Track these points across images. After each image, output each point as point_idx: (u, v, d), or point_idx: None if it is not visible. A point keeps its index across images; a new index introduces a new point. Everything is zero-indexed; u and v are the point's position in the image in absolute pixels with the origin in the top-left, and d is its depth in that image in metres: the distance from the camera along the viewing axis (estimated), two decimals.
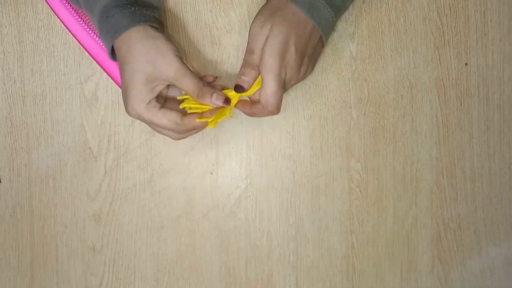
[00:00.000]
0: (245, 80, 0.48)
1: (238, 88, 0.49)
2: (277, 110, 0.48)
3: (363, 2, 0.58)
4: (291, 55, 0.47)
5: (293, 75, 0.48)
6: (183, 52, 0.57)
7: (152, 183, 0.58)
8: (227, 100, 0.48)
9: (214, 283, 0.59)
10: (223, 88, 0.51)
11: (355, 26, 0.58)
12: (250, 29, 0.48)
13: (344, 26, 0.57)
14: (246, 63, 0.48)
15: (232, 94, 0.50)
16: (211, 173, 0.58)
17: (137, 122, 0.57)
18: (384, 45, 0.58)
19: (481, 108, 0.60)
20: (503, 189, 0.60)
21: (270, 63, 0.46)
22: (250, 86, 0.49)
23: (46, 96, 0.57)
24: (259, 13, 0.49)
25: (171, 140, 0.58)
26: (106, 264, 0.59)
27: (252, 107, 0.50)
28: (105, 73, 0.56)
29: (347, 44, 0.58)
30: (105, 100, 0.57)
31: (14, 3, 0.56)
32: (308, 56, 0.48)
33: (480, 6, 0.58)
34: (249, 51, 0.48)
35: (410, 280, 0.60)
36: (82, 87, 0.57)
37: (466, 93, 0.59)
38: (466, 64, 0.59)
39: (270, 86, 0.46)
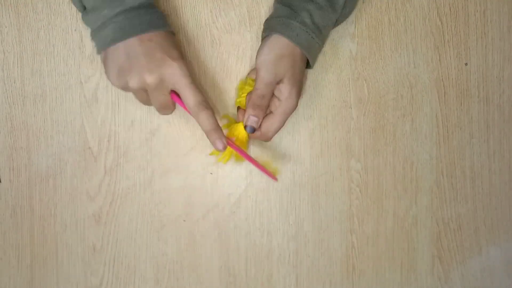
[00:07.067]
0: (255, 121, 0.52)
1: (250, 129, 0.53)
2: (271, 139, 0.54)
3: (363, 2, 0.58)
4: (298, 94, 0.52)
5: (293, 105, 0.52)
6: (183, 52, 0.57)
7: (152, 183, 0.58)
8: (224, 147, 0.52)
9: (214, 283, 0.59)
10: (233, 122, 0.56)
11: (355, 26, 0.58)
12: (260, 76, 0.51)
13: (344, 26, 0.57)
14: (255, 106, 0.52)
15: (241, 134, 0.54)
16: (211, 173, 0.58)
17: (137, 122, 0.57)
18: (384, 45, 0.58)
19: (481, 108, 0.60)
20: (503, 189, 0.60)
21: (290, 108, 0.51)
22: (259, 125, 0.53)
23: (46, 96, 0.57)
24: (266, 61, 0.51)
25: (171, 140, 0.58)
26: (106, 264, 0.59)
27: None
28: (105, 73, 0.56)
29: (347, 44, 0.58)
30: (105, 100, 0.57)
31: (14, 3, 0.56)
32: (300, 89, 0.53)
33: (480, 6, 0.58)
34: (259, 96, 0.51)
35: (410, 280, 0.60)
36: (82, 87, 0.57)
37: (466, 93, 0.59)
38: (466, 64, 0.59)
39: (279, 124, 0.52)
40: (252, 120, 0.52)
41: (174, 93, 0.50)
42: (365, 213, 0.60)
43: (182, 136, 0.58)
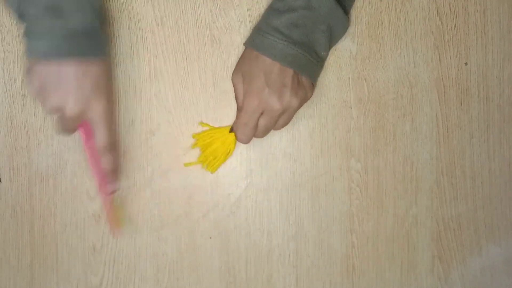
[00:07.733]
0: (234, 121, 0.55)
1: (230, 128, 0.56)
2: (245, 140, 0.54)
3: (363, 2, 0.58)
4: (265, 92, 0.51)
5: (275, 108, 0.52)
6: (183, 52, 0.57)
7: (152, 183, 0.58)
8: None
9: (214, 283, 0.59)
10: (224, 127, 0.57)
11: (355, 26, 0.58)
12: (231, 80, 0.55)
13: None
14: (237, 109, 0.55)
15: (228, 137, 0.55)
16: (211, 173, 0.58)
17: (137, 121, 0.57)
18: (384, 45, 0.58)
19: (481, 108, 0.60)
20: (503, 189, 0.60)
21: (249, 103, 0.52)
22: None
23: None
24: (236, 65, 0.55)
25: (171, 140, 0.58)
26: (106, 264, 0.59)
27: None
28: None
29: (347, 44, 0.58)
30: None
31: None
32: (289, 87, 0.52)
33: (480, 6, 0.58)
34: (235, 97, 0.55)
35: (410, 279, 0.60)
36: None
37: (466, 93, 0.59)
38: (466, 63, 0.59)
39: (240, 119, 0.53)
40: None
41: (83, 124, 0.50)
42: (365, 213, 0.60)
43: (182, 136, 0.58)
